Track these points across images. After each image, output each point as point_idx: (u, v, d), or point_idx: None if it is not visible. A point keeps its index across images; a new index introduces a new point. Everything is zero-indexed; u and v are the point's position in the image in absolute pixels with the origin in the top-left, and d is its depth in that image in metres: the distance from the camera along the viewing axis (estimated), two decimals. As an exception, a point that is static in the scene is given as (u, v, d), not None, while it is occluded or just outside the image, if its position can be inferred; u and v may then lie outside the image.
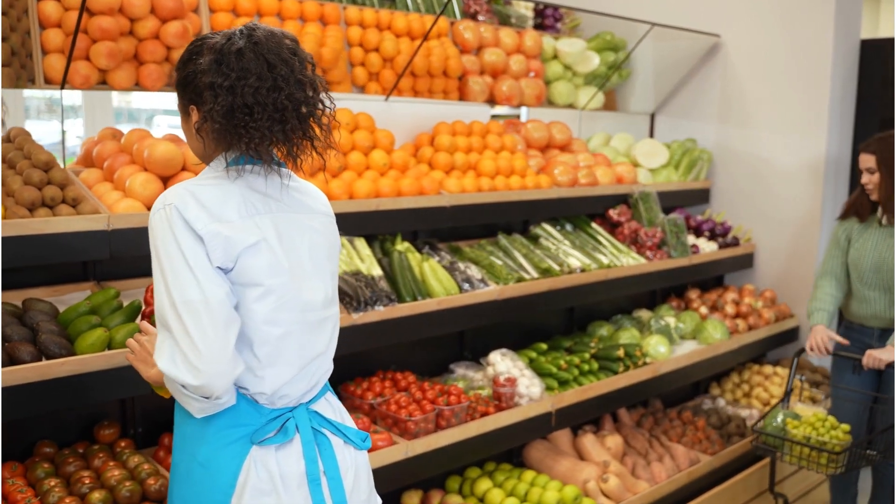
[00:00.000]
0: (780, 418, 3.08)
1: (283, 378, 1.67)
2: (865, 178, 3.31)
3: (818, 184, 4.37)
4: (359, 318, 2.85)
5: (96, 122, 6.76)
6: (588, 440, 3.42)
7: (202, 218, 1.58)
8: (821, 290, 3.46)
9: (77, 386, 2.27)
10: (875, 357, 3.13)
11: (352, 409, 2.99)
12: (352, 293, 2.87)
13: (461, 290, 3.22)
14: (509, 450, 3.47)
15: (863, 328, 3.39)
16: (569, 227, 4.09)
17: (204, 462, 1.64)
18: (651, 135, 5.08)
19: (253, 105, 1.60)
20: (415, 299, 3.06)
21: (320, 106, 1.72)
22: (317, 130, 1.75)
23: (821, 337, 3.34)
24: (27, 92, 6.23)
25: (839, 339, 3.35)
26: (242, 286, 1.62)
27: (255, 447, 1.64)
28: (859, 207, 3.38)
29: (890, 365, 3.14)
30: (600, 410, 3.51)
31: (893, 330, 3.24)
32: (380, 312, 2.92)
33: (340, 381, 3.10)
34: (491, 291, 3.27)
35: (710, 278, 4.58)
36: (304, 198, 1.78)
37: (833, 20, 4.22)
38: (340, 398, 3.09)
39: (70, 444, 2.53)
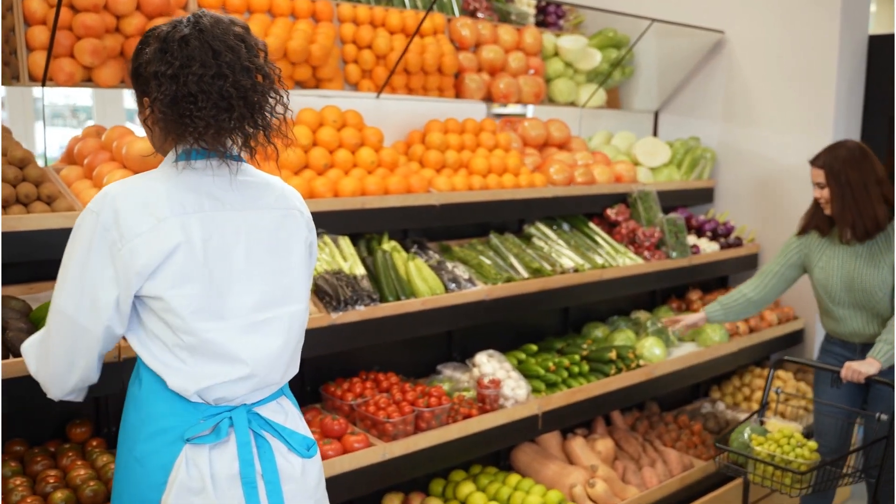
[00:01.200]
0: (746, 433, 2.92)
1: (210, 379, 1.61)
2: (817, 193, 3.09)
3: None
4: (338, 317, 2.79)
5: (108, 122, 6.79)
6: (577, 444, 3.34)
7: (119, 227, 1.55)
8: (738, 289, 3.36)
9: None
10: (854, 370, 2.93)
11: (332, 409, 2.94)
12: (332, 292, 2.82)
13: (447, 289, 3.15)
14: (496, 453, 3.40)
15: (844, 343, 3.21)
16: (566, 226, 4.01)
17: (139, 457, 1.62)
18: (655, 133, 4.98)
19: (197, 93, 1.56)
20: (398, 299, 3.00)
21: (273, 94, 1.68)
22: (273, 121, 1.70)
23: (684, 320, 3.36)
24: (41, 95, 6.24)
25: (693, 320, 3.37)
26: (151, 298, 1.59)
27: (189, 445, 1.60)
28: (819, 222, 3.16)
29: (872, 379, 2.95)
30: (591, 413, 3.43)
31: (876, 343, 3.04)
32: (360, 312, 2.86)
33: (321, 381, 3.05)
34: (478, 291, 3.20)
35: (712, 279, 4.47)
36: (255, 193, 1.72)
37: (839, 14, 4.09)
38: (320, 399, 3.05)
39: (42, 442, 2.50)
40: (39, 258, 2.47)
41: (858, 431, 3.51)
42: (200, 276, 1.59)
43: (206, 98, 1.56)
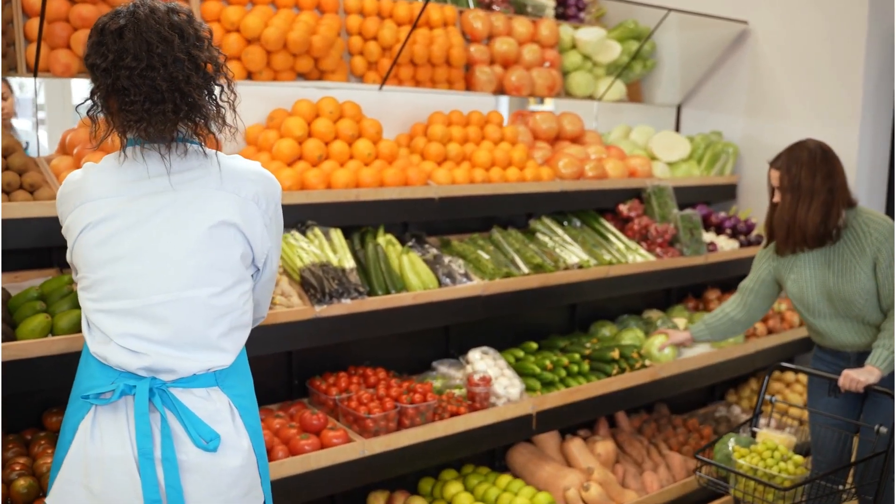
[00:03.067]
0: (731, 444, 2.72)
1: (104, 347, 1.66)
2: (777, 197, 2.84)
3: (850, 180, 4.01)
4: (322, 310, 2.72)
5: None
6: (575, 445, 3.21)
7: (67, 208, 1.69)
8: (721, 307, 3.16)
9: (18, 372, 2.22)
10: (852, 378, 2.71)
11: (317, 404, 2.87)
12: (316, 285, 2.75)
13: (441, 284, 3.06)
14: (491, 453, 3.29)
15: (836, 352, 2.96)
16: (577, 222, 3.87)
17: (64, 419, 1.71)
18: (677, 127, 4.80)
19: (129, 87, 1.58)
20: (388, 292, 2.92)
21: (216, 83, 1.67)
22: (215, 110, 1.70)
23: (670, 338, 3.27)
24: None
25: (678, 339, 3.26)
26: (75, 268, 1.73)
27: (94, 408, 1.64)
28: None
29: (872, 389, 2.73)
30: (592, 414, 3.29)
31: (871, 351, 2.82)
32: (347, 305, 2.78)
33: (308, 375, 2.98)
34: (474, 286, 3.10)
35: (731, 278, 4.27)
36: (200, 176, 1.69)
37: (867, 3, 3.86)
38: (307, 393, 2.98)
39: (20, 430, 2.48)
40: (20, 246, 2.46)
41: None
42: (109, 255, 1.64)
43: (137, 92, 1.57)
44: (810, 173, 2.77)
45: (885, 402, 2.78)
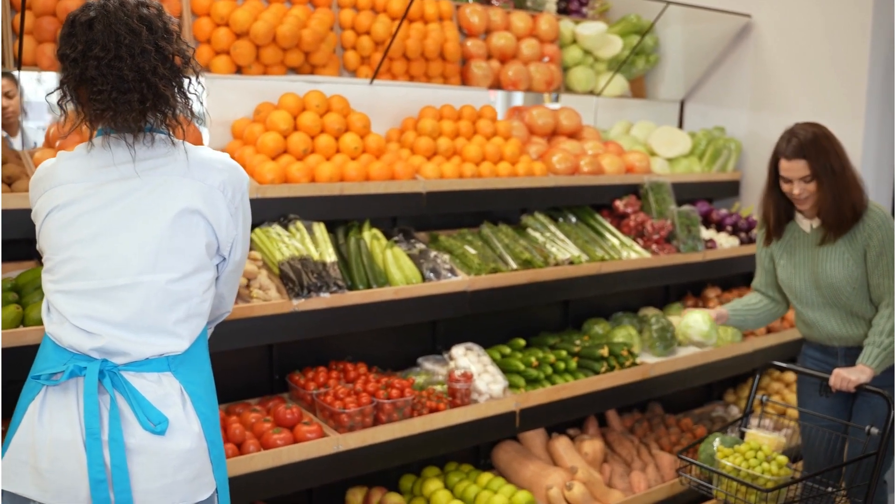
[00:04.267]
0: (716, 444, 2.62)
1: (58, 328, 1.67)
2: (797, 189, 2.66)
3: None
4: (300, 304, 2.69)
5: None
6: (561, 444, 3.14)
7: (37, 192, 1.72)
8: (744, 298, 3.03)
9: (-12, 362, 2.21)
10: (843, 377, 2.61)
11: (296, 399, 2.83)
12: (295, 278, 2.72)
13: (424, 279, 3.01)
14: (476, 450, 3.24)
15: (824, 347, 2.86)
16: (572, 218, 3.80)
17: (18, 401, 1.71)
18: (680, 123, 4.70)
19: (97, 77, 1.60)
20: (369, 287, 2.87)
21: (184, 75, 1.72)
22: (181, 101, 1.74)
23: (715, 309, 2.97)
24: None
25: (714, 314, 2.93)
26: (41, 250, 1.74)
27: (45, 389, 1.65)
28: (778, 222, 2.81)
29: (863, 388, 2.63)
30: (579, 412, 3.22)
31: (862, 347, 2.72)
32: (326, 299, 2.74)
33: (290, 369, 2.94)
34: (459, 282, 3.04)
35: (732, 276, 4.16)
36: (166, 164, 1.72)
37: (872, -6, 3.75)
38: (286, 388, 2.95)
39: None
40: (-2, 238, 2.45)
41: None
42: (73, 238, 1.66)
43: (104, 82, 1.60)
44: (834, 154, 2.67)
45: (875, 403, 2.68)
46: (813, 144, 2.65)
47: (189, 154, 1.75)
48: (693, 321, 2.86)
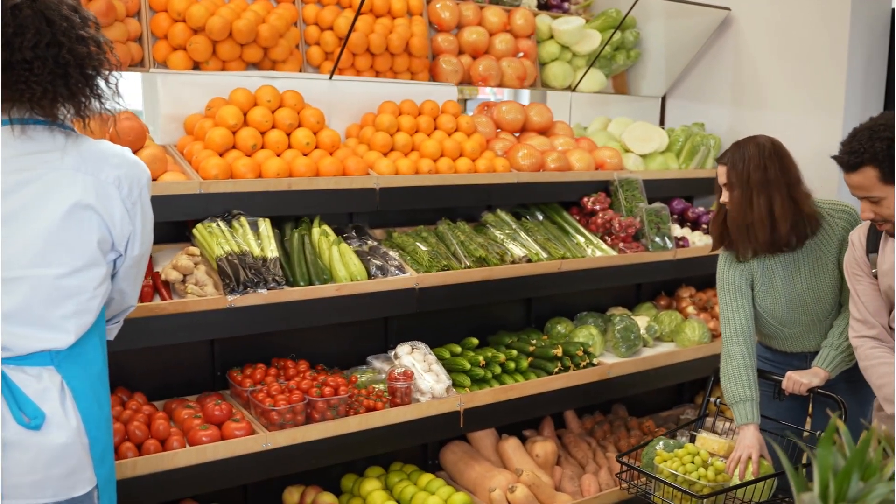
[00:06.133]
0: (660, 447, 2.51)
1: None
2: (725, 197, 2.55)
3: (834, 173, 3.74)
4: (235, 300, 2.64)
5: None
6: (510, 445, 3.05)
7: None
8: (736, 364, 2.54)
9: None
10: (795, 380, 2.49)
11: (234, 396, 2.79)
12: (231, 274, 2.67)
13: (370, 276, 2.94)
14: (425, 450, 3.16)
15: (787, 354, 2.72)
16: (539, 215, 3.71)
17: None
18: (662, 119, 4.57)
19: (32, 59, 1.58)
20: (310, 283, 2.82)
21: (107, 65, 1.70)
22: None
23: (753, 450, 2.43)
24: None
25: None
26: None
27: None
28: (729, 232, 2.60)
29: (816, 392, 2.50)
30: (530, 413, 3.12)
31: (821, 349, 2.60)
32: (263, 296, 2.69)
33: (233, 366, 2.89)
34: (406, 279, 2.97)
35: (705, 275, 4.02)
36: (61, 157, 1.68)
37: (850, -14, 3.60)
38: (225, 385, 2.91)
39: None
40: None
41: None
42: None
43: (42, 65, 1.58)
44: (761, 167, 2.54)
45: (833, 407, 2.56)
46: (739, 150, 2.52)
47: (85, 148, 1.72)
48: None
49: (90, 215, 1.69)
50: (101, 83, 1.71)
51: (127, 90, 1.91)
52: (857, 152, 2.20)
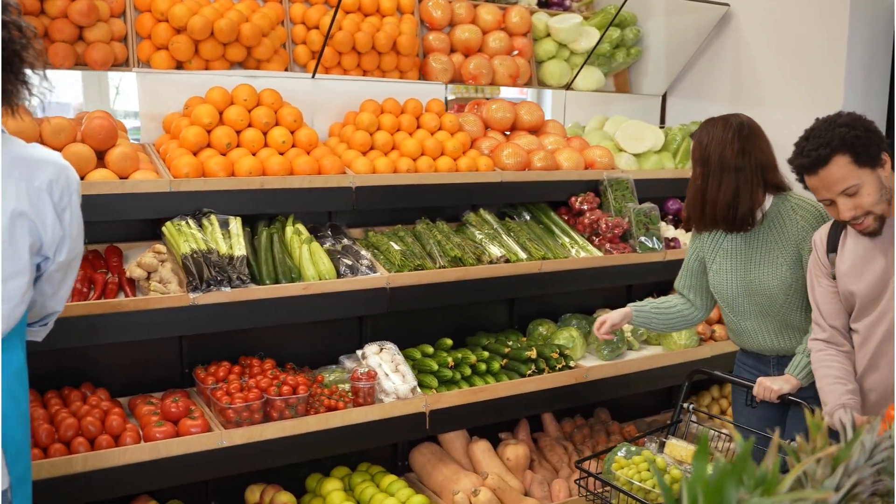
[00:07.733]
0: (621, 453, 2.42)
1: None
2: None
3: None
4: (197, 298, 2.63)
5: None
6: (480, 448, 2.99)
7: None
8: (654, 300, 2.82)
9: None
10: (766, 387, 2.40)
11: (198, 393, 2.78)
12: (195, 272, 2.66)
13: (339, 275, 2.91)
14: (394, 451, 3.12)
15: (757, 356, 2.64)
16: (526, 215, 3.63)
17: None
18: (662, 117, 4.45)
19: None
20: (277, 282, 2.79)
21: (31, 52, 1.64)
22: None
23: (610, 317, 2.73)
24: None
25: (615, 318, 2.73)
26: None
27: None
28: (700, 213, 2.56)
29: (787, 398, 2.39)
30: (501, 416, 3.05)
31: (794, 356, 2.49)
32: (227, 294, 2.68)
33: (198, 363, 2.89)
34: (376, 279, 2.93)
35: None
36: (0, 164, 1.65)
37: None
38: (191, 383, 2.90)
39: None
40: None
41: None
42: None
43: None
44: (721, 147, 2.45)
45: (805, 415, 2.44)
46: (707, 127, 2.48)
47: (16, 151, 1.67)
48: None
49: (24, 222, 1.65)
50: (28, 71, 1.64)
51: (114, 90, 1.89)
52: (824, 144, 2.10)
